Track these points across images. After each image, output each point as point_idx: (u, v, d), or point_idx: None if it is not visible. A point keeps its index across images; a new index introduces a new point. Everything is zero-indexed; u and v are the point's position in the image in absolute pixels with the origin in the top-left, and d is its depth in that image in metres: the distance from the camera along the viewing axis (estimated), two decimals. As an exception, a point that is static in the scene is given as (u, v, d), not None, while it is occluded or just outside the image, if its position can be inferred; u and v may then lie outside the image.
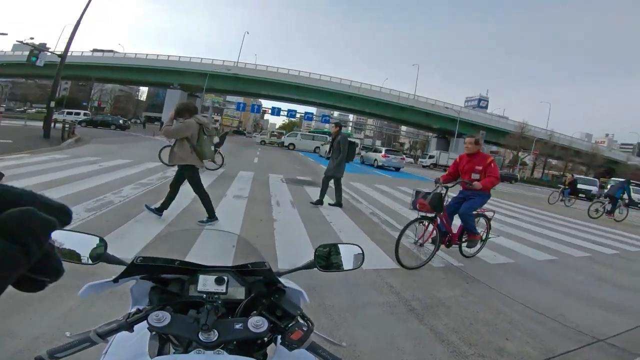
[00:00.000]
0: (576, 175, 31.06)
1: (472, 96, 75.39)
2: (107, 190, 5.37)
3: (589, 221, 10.00)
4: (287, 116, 50.90)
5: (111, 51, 50.37)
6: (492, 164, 3.99)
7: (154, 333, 0.68)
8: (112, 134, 21.59)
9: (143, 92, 77.38)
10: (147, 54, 44.86)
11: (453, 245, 4.12)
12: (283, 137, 33.96)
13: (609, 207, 11.18)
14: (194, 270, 0.78)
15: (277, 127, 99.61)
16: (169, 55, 44.54)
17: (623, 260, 5.51)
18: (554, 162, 53.03)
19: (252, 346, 0.71)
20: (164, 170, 8.05)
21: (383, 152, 21.47)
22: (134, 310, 0.70)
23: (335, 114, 79.06)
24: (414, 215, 3.94)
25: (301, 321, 0.72)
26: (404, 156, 23.25)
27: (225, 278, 0.75)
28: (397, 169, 21.11)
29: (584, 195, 23.34)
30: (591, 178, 29.18)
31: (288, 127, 78.69)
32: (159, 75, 44.24)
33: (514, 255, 4.79)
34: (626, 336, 2.74)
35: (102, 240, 0.77)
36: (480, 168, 4.00)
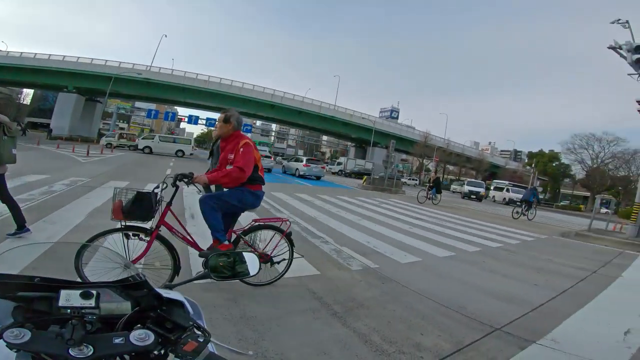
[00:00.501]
0: (467, 179, 36.26)
1: (385, 107, 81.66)
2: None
3: (478, 219, 11.61)
4: (205, 125, 48.36)
5: (-12, 49, 41.43)
6: (243, 149, 2.91)
7: (15, 351, 0.62)
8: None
9: (27, 94, 65.41)
10: (35, 53, 37.88)
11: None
12: (137, 139, 29.01)
13: (524, 209, 14.03)
14: (61, 287, 0.72)
15: (194, 136, 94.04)
16: (64, 56, 38.19)
17: (506, 253, 6.41)
18: (451, 167, 60.74)
19: None
20: (49, 184, 6.85)
21: (304, 162, 21.89)
22: None
23: (258, 123, 78.00)
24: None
25: (196, 332, 0.70)
26: (325, 165, 23.99)
27: (94, 292, 0.71)
28: (318, 178, 21.70)
29: (475, 197, 27.53)
30: (479, 181, 34.39)
31: (207, 136, 74.88)
32: (50, 77, 37.82)
33: (420, 254, 5.24)
34: (518, 323, 3.04)
35: None
36: (233, 157, 2.96)
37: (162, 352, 0.69)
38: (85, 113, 42.05)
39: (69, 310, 0.69)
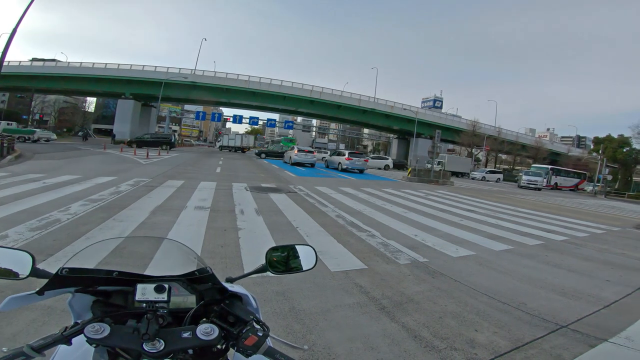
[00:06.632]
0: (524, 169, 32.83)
1: (427, 97, 78.54)
2: (53, 208, 4.93)
3: (537, 210, 10.77)
4: (249, 124, 50.17)
5: (53, 60, 46.24)
6: None
7: (95, 346, 0.65)
8: (57, 148, 19.93)
9: (91, 103, 72.37)
10: (93, 63, 41.64)
11: None
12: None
13: None
14: (136, 281, 0.74)
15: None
16: (119, 64, 41.66)
17: (573, 246, 5.88)
18: (504, 156, 56.72)
19: (209, 355, 0.70)
20: (116, 185, 7.54)
21: (347, 155, 21.73)
22: (72, 323, 0.68)
23: (299, 119, 79.26)
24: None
25: (256, 326, 0.70)
26: (368, 158, 23.63)
27: (166, 286, 0.72)
28: (361, 171, 21.46)
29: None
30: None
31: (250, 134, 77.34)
32: (108, 85, 41.49)
33: (473, 247, 5.00)
34: (587, 321, 2.85)
35: (30, 254, 0.75)
36: None
37: (224, 346, 0.70)
38: (142, 118, 45.48)
39: (144, 305, 0.71)
